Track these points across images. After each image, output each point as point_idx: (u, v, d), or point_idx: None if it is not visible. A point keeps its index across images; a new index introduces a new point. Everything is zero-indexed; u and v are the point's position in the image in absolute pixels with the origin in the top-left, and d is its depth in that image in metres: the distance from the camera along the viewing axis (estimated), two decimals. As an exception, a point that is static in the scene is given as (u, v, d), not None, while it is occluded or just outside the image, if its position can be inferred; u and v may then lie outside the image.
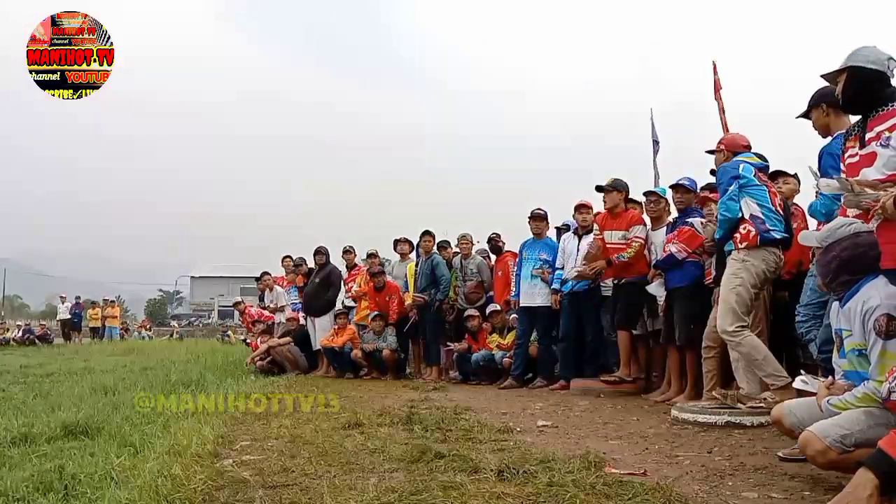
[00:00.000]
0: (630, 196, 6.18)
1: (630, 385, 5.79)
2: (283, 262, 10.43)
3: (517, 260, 7.10)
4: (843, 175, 3.05)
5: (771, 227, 4.08)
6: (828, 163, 3.57)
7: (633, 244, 5.69)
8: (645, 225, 5.87)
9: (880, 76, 2.90)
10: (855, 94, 2.93)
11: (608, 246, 5.93)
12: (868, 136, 2.91)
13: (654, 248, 5.57)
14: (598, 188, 6.07)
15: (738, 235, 4.16)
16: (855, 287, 2.45)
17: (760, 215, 4.09)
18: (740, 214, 4.17)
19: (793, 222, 4.50)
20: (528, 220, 6.97)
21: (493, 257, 8.13)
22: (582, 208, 6.45)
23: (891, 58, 2.93)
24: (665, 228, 5.49)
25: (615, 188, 5.93)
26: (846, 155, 3.06)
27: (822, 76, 3.08)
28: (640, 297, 5.58)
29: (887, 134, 2.81)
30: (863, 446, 2.14)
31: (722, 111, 7.66)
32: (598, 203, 6.40)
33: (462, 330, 7.53)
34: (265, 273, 10.65)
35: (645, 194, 5.96)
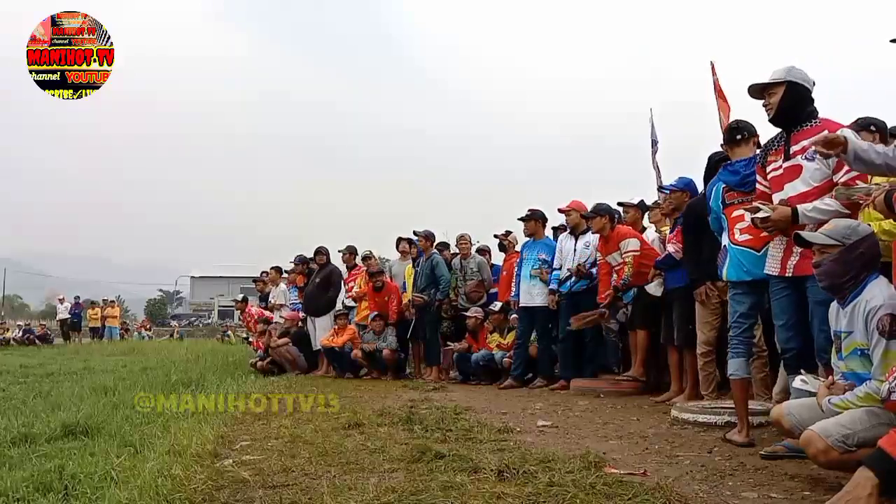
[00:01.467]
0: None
1: (630, 385, 5.79)
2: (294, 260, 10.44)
3: (517, 260, 7.10)
4: (762, 185, 3.25)
5: None
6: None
7: (627, 261, 5.71)
8: (635, 236, 5.86)
9: (809, 94, 3.10)
10: (789, 108, 3.09)
11: (614, 268, 5.91)
12: (793, 149, 3.10)
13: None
14: (584, 216, 6.17)
15: None
16: (859, 287, 2.45)
17: None
18: None
19: None
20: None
21: (490, 255, 8.13)
22: (564, 212, 6.56)
23: (813, 81, 3.13)
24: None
25: (598, 213, 5.96)
26: (769, 168, 3.24)
27: (751, 86, 3.20)
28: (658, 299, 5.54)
29: (813, 148, 2.91)
30: (865, 446, 2.14)
31: (721, 111, 7.67)
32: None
33: (462, 330, 7.53)
34: (265, 272, 10.66)
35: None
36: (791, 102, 3.07)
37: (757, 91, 3.17)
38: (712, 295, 4.49)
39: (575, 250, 6.38)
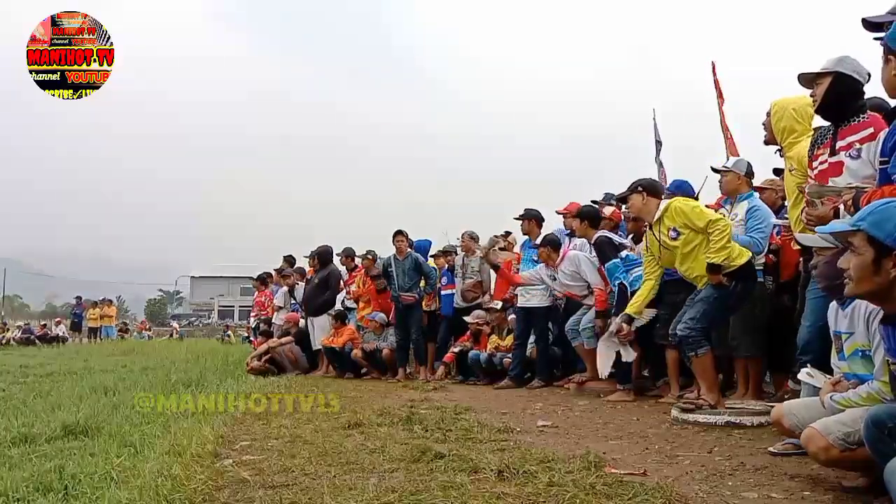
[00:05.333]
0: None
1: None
2: (284, 260, 10.47)
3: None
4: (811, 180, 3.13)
5: None
6: None
7: None
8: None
9: (860, 87, 2.99)
10: (835, 101, 3.00)
11: None
12: (839, 144, 2.99)
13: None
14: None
15: None
16: None
17: None
18: None
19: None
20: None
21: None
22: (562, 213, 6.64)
23: (869, 74, 2.99)
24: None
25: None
26: (816, 162, 3.12)
27: (801, 75, 3.11)
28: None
29: (858, 146, 2.87)
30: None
31: (722, 111, 7.68)
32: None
33: (456, 328, 7.56)
34: (264, 273, 10.68)
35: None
36: (837, 95, 2.97)
37: (806, 81, 3.08)
38: None
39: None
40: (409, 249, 7.90)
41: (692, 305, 4.20)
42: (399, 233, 7.91)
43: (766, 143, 3.89)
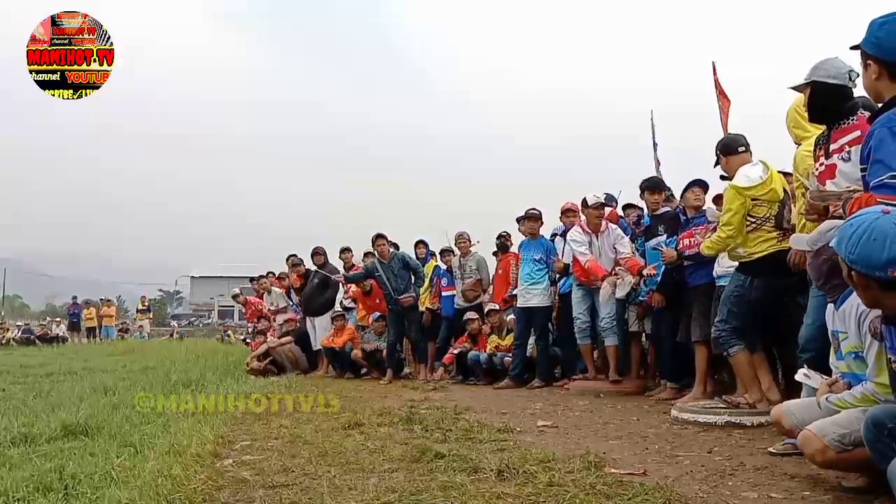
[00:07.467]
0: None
1: (631, 385, 5.79)
2: (287, 260, 10.45)
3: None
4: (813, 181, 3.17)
5: None
6: None
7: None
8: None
9: (840, 90, 3.00)
10: (819, 107, 3.05)
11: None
12: (832, 147, 3.04)
13: None
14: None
15: None
16: (849, 289, 2.44)
17: None
18: None
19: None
20: (519, 220, 6.98)
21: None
22: (568, 213, 6.58)
23: (851, 69, 3.00)
24: None
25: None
26: (817, 163, 3.17)
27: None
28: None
29: (848, 148, 2.91)
30: (861, 445, 2.14)
31: (722, 111, 7.67)
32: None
33: (453, 329, 7.56)
34: (261, 276, 10.65)
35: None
36: (819, 101, 3.02)
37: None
38: None
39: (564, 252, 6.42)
40: (392, 250, 7.85)
41: (720, 307, 4.18)
42: (379, 236, 7.77)
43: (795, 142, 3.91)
